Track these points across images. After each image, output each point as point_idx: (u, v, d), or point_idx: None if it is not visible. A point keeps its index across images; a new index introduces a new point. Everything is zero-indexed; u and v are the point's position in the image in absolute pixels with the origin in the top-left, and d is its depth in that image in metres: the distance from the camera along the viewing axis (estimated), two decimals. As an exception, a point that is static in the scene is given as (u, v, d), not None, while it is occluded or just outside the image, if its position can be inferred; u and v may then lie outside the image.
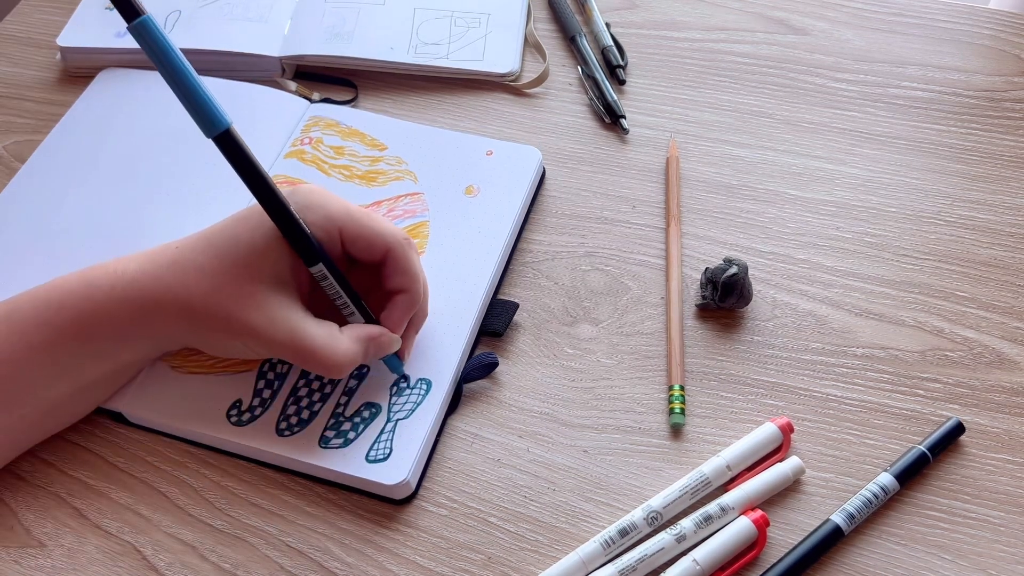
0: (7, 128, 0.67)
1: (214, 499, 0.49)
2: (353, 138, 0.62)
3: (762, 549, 0.46)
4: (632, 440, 0.50)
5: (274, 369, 0.52)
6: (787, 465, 0.48)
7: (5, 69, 0.71)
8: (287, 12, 0.70)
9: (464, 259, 0.56)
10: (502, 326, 0.54)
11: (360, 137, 0.62)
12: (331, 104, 0.65)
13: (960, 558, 0.46)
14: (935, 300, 0.55)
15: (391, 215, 0.58)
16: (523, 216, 0.59)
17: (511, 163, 0.60)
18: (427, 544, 0.47)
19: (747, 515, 0.46)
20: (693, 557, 0.45)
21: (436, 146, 0.61)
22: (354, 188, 0.60)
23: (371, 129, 0.63)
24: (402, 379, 0.51)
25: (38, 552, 0.48)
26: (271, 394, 0.51)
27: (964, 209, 0.59)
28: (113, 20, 0.70)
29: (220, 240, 0.47)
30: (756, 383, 0.52)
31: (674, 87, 0.67)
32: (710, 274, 0.54)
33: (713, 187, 0.61)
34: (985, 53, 0.68)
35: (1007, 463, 0.49)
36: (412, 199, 0.59)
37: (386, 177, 0.60)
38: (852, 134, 0.63)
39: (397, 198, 0.59)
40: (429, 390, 0.50)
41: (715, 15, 0.71)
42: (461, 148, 0.61)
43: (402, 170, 0.60)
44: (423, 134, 0.62)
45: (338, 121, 0.63)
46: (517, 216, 0.58)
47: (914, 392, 0.51)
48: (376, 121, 0.63)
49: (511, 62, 0.68)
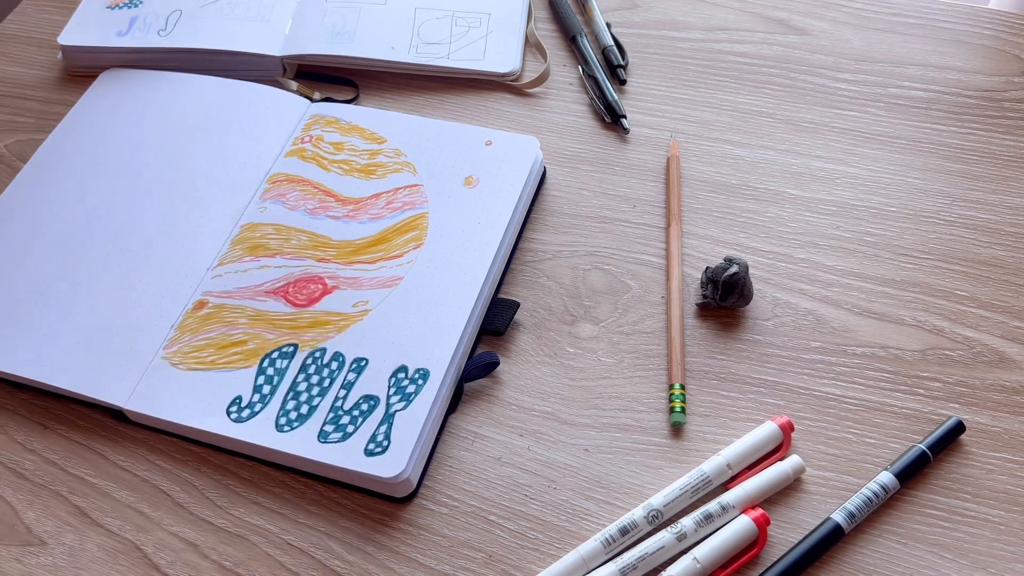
0: (9, 127, 0.67)
1: (215, 497, 0.49)
2: (352, 133, 0.62)
3: (763, 548, 0.46)
4: (632, 439, 0.50)
5: (274, 365, 0.52)
6: (787, 464, 0.48)
7: (6, 68, 0.71)
8: (288, 12, 0.71)
9: (464, 250, 0.55)
10: (503, 325, 0.54)
11: (359, 132, 0.62)
12: (332, 103, 0.65)
13: (960, 556, 0.46)
14: (935, 299, 0.55)
15: (391, 207, 0.58)
16: (525, 209, 0.59)
17: (510, 153, 0.60)
18: (428, 542, 0.47)
19: (747, 514, 0.46)
20: (694, 555, 0.45)
21: (435, 137, 0.61)
22: (353, 181, 0.60)
23: (370, 123, 0.63)
24: (399, 370, 0.51)
25: (39, 550, 0.48)
26: (271, 390, 0.51)
27: (964, 208, 0.59)
28: (114, 19, 0.70)
29: None
30: (756, 382, 0.52)
31: (675, 87, 0.67)
32: (711, 273, 0.54)
33: (713, 186, 0.61)
34: (985, 53, 0.68)
35: (1007, 462, 0.49)
36: (411, 191, 0.59)
37: (385, 170, 0.60)
38: (852, 134, 0.63)
39: (396, 190, 0.59)
40: (426, 380, 0.50)
41: (715, 15, 0.71)
42: (460, 139, 0.61)
43: (401, 162, 0.60)
44: (422, 126, 0.62)
45: (338, 118, 0.63)
46: (517, 207, 0.58)
47: (914, 391, 0.52)
48: (375, 115, 0.63)
49: (512, 62, 0.68)
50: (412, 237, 0.56)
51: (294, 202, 0.59)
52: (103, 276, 0.56)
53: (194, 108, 0.65)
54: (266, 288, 0.55)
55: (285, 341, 0.53)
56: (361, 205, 0.59)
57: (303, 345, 0.52)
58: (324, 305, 0.54)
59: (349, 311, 0.54)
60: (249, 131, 0.63)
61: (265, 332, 0.53)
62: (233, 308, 0.54)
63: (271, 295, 0.55)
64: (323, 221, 0.58)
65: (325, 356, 0.52)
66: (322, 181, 0.60)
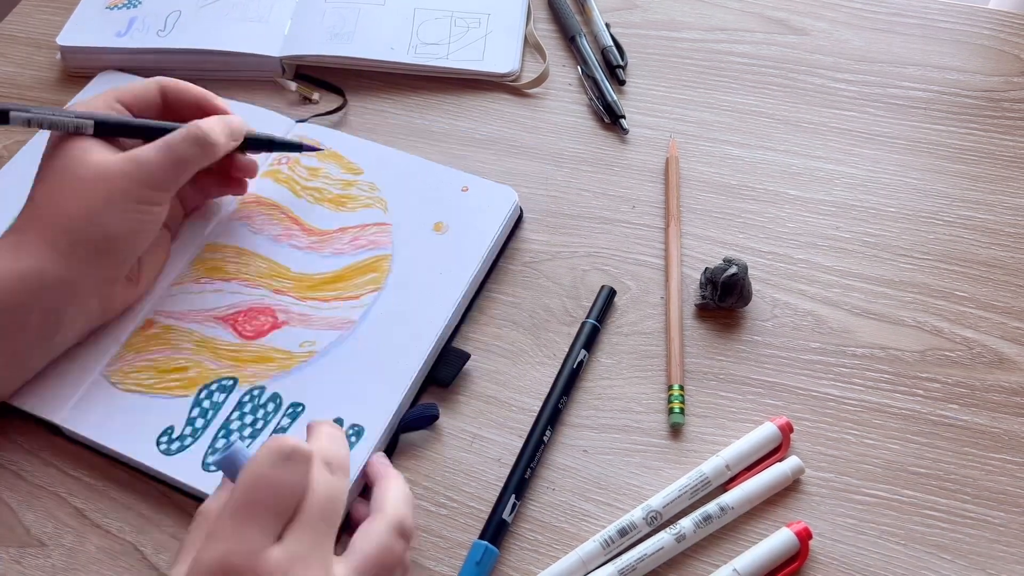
0: (7, 128, 0.67)
1: (214, 499, 0.49)
2: (330, 160, 0.61)
3: (804, 562, 0.45)
4: (631, 440, 0.50)
5: (211, 397, 0.51)
6: (786, 465, 0.48)
7: (5, 69, 0.71)
8: (287, 12, 0.70)
9: (421, 302, 0.54)
10: (449, 376, 0.52)
11: (338, 160, 0.61)
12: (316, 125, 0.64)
13: (959, 557, 0.46)
14: (934, 300, 0.55)
15: (355, 243, 0.57)
16: (492, 257, 0.57)
17: (485, 203, 0.58)
18: (427, 543, 0.47)
19: (790, 527, 0.46)
20: (734, 567, 0.45)
21: (412, 176, 0.60)
22: (322, 211, 0.58)
23: (350, 152, 0.61)
24: (336, 422, 0.49)
25: (39, 552, 0.48)
26: (204, 424, 0.50)
27: (963, 209, 0.59)
28: (113, 20, 0.70)
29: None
30: (755, 383, 0.52)
31: (674, 87, 0.67)
32: (710, 274, 0.54)
33: (713, 187, 0.61)
34: (984, 53, 0.68)
35: (1007, 463, 0.49)
36: (379, 230, 0.57)
37: (356, 203, 0.59)
38: (851, 134, 0.63)
39: (364, 227, 0.58)
40: (360, 437, 0.49)
41: (715, 15, 0.71)
42: (436, 180, 0.59)
43: (374, 197, 0.59)
44: (401, 162, 0.61)
45: (318, 141, 0.62)
46: (483, 260, 0.55)
47: (913, 392, 0.51)
48: (356, 144, 0.62)
49: (511, 62, 0.68)
50: (371, 280, 0.55)
51: (259, 225, 0.58)
52: None
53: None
54: (216, 314, 0.54)
55: (226, 373, 0.52)
56: (326, 238, 0.57)
57: (243, 380, 0.51)
58: (271, 340, 0.53)
59: (295, 350, 0.52)
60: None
61: (208, 361, 0.52)
62: (180, 331, 0.53)
63: (220, 321, 0.54)
64: (285, 250, 0.57)
65: (263, 396, 0.51)
66: (290, 206, 0.59)
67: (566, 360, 0.52)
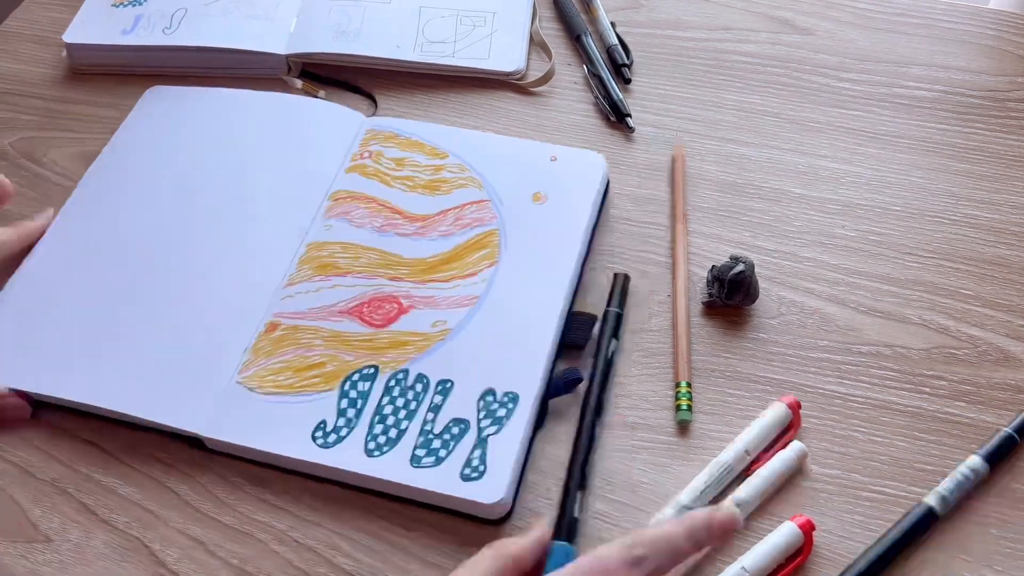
0: (13, 125, 0.67)
1: (222, 495, 0.49)
2: (413, 148, 0.61)
3: (809, 555, 0.46)
4: (639, 436, 0.50)
5: (356, 388, 0.51)
6: (790, 451, 0.48)
7: (11, 66, 0.71)
8: (293, 10, 0.71)
9: (541, 268, 0.54)
10: (584, 339, 0.53)
11: (420, 147, 0.61)
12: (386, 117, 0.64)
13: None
14: (940, 298, 0.55)
15: (460, 223, 0.57)
16: (593, 224, 0.58)
17: (576, 168, 0.59)
18: (438, 539, 0.47)
19: (793, 520, 0.46)
20: (742, 564, 0.45)
21: (498, 152, 0.60)
22: (419, 198, 0.59)
23: (430, 138, 0.62)
24: (487, 393, 0.50)
25: (45, 547, 0.48)
26: (356, 413, 0.50)
27: (968, 208, 0.59)
28: (119, 17, 0.70)
29: None
30: (762, 380, 0.52)
31: (679, 86, 0.67)
32: (716, 272, 0.55)
33: (719, 185, 0.61)
34: (989, 53, 0.68)
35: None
36: (479, 207, 0.58)
37: (450, 185, 0.59)
38: (857, 133, 0.63)
39: (463, 206, 0.58)
40: (516, 403, 0.49)
41: (720, 15, 0.72)
42: (524, 153, 0.60)
43: (465, 177, 0.59)
44: (484, 141, 0.61)
45: (396, 132, 0.62)
46: (589, 223, 0.57)
47: (919, 389, 0.52)
48: (435, 130, 0.62)
49: (517, 60, 0.68)
50: (485, 255, 0.55)
51: (360, 220, 0.58)
52: (168, 299, 0.55)
53: (243, 124, 0.64)
54: (340, 308, 0.54)
55: (365, 363, 0.52)
56: (430, 222, 0.58)
57: (383, 367, 0.51)
58: (401, 325, 0.53)
59: (429, 331, 0.52)
60: (304, 147, 0.62)
61: (343, 354, 0.52)
62: (307, 329, 0.53)
63: (346, 315, 0.54)
64: (392, 239, 0.57)
65: (408, 378, 0.51)
66: (387, 198, 0.59)
67: (597, 352, 0.53)
